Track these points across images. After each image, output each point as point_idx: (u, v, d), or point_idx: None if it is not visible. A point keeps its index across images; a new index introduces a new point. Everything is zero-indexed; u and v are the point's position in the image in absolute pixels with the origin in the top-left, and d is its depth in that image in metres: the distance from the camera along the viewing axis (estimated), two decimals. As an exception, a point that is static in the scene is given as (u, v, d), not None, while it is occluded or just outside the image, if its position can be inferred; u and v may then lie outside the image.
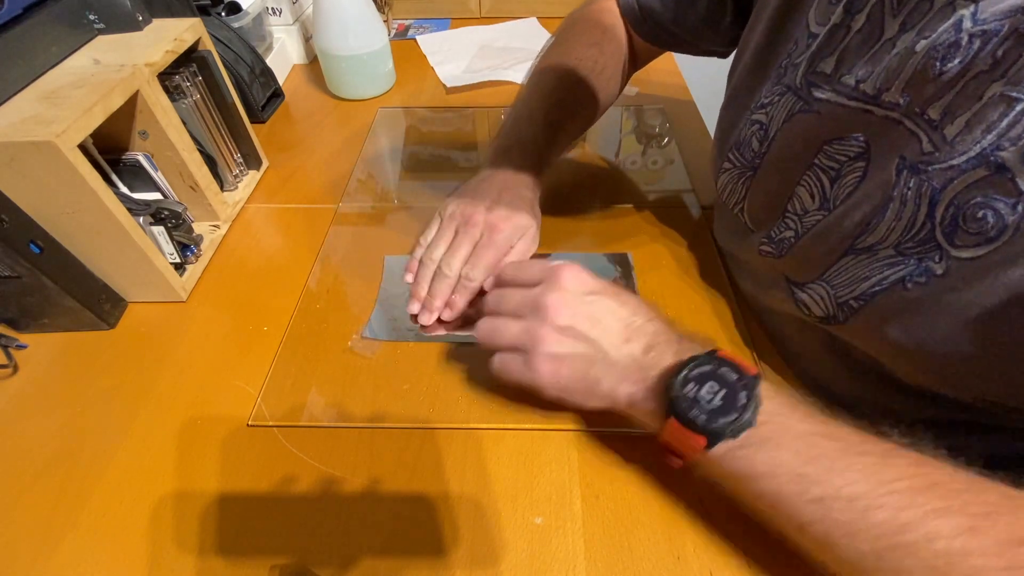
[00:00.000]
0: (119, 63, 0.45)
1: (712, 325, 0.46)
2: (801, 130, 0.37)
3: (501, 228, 0.45)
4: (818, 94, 0.35)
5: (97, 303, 0.45)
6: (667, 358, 0.33)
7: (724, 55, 0.53)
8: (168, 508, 0.36)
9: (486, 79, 0.78)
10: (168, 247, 0.48)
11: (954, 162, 0.28)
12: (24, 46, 0.42)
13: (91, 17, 0.48)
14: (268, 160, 0.64)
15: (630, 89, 0.76)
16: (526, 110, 0.53)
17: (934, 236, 0.29)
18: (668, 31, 0.54)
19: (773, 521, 0.30)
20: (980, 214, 0.27)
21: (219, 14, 0.68)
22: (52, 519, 0.36)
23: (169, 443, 0.39)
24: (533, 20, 0.93)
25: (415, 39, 0.89)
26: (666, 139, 0.68)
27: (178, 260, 0.50)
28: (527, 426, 0.40)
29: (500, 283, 0.43)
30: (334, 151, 0.67)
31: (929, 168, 0.29)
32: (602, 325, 0.35)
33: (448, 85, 0.78)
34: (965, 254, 0.28)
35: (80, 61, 0.45)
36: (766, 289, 0.43)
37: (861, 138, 0.33)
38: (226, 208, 0.56)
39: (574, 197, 0.59)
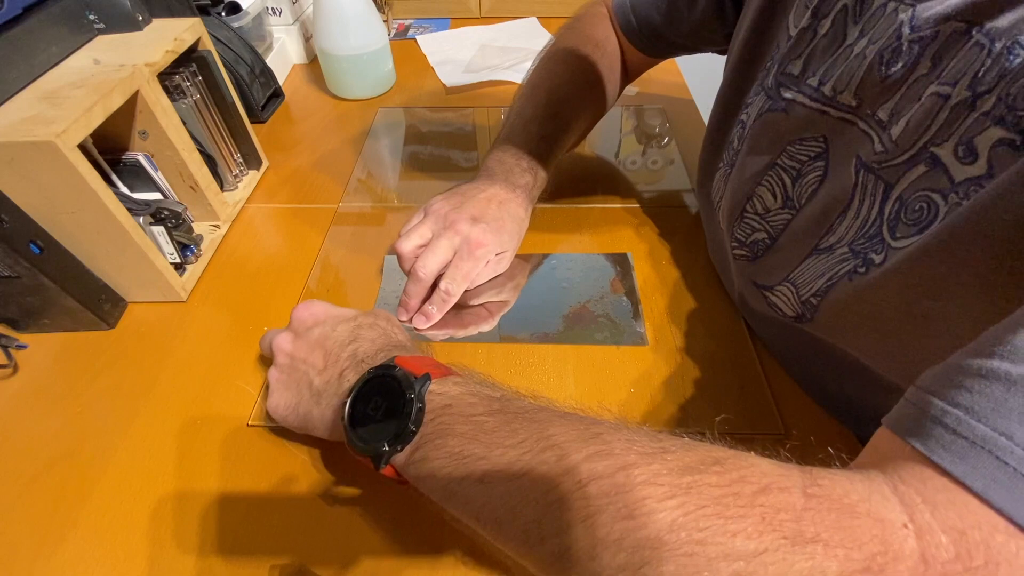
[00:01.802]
0: (119, 63, 0.45)
1: (712, 325, 0.46)
2: (769, 129, 0.38)
3: (483, 243, 0.45)
4: (786, 94, 0.36)
5: (97, 303, 0.45)
6: (353, 379, 0.32)
7: (723, 52, 0.54)
8: (168, 508, 0.36)
9: (486, 79, 0.78)
10: (168, 247, 0.48)
11: (899, 160, 0.29)
12: (24, 46, 0.42)
13: (91, 17, 0.48)
14: (268, 160, 0.64)
15: (630, 89, 0.76)
16: (520, 122, 0.53)
17: (881, 231, 0.30)
18: (665, 39, 0.53)
19: (463, 520, 0.28)
20: (918, 206, 0.28)
21: (219, 14, 0.68)
22: (52, 519, 0.36)
23: (169, 443, 0.39)
24: (533, 20, 0.93)
25: (415, 39, 0.89)
26: (666, 139, 0.68)
27: (178, 260, 0.50)
28: (527, 426, 0.40)
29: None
30: (334, 151, 0.67)
31: (881, 167, 0.30)
32: (311, 356, 0.35)
33: (448, 85, 0.78)
34: (900, 244, 0.29)
35: (80, 61, 0.45)
36: (744, 294, 0.43)
37: (821, 139, 0.34)
38: (226, 208, 0.56)
39: (574, 197, 0.59)
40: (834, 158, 0.34)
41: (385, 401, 0.30)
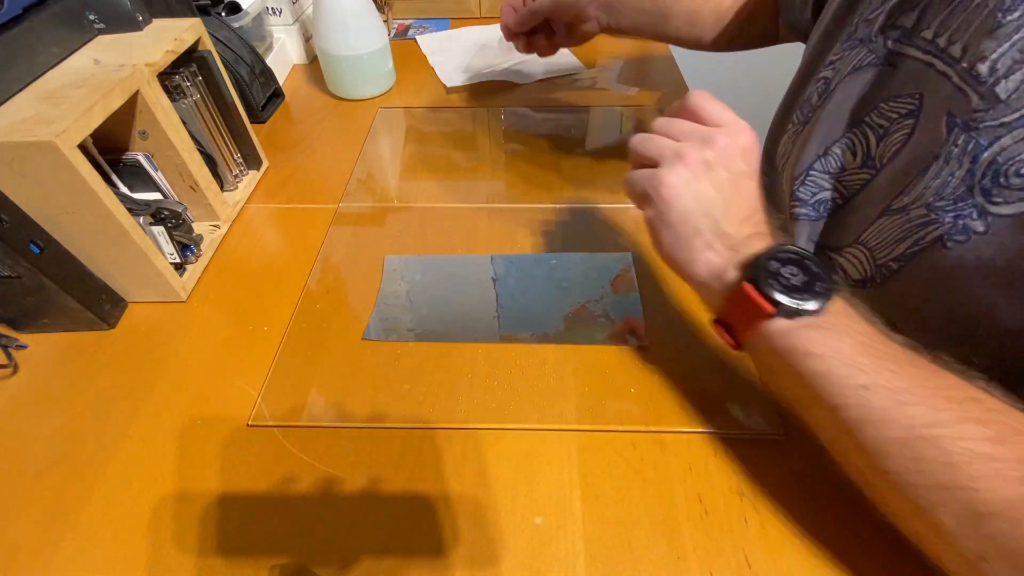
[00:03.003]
0: (119, 63, 0.45)
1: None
2: (865, 82, 0.36)
3: None
4: (893, 47, 0.35)
5: (97, 303, 0.45)
6: (759, 246, 0.32)
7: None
8: (168, 508, 0.36)
9: (486, 79, 0.78)
10: (168, 247, 0.48)
11: (1006, 119, 0.28)
12: (24, 46, 0.42)
13: (91, 17, 0.48)
14: (268, 160, 0.64)
15: (629, 89, 0.76)
16: None
17: (971, 194, 0.30)
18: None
19: (808, 399, 0.30)
20: (1023, 171, 0.28)
21: (219, 14, 0.68)
22: (52, 519, 0.36)
23: (169, 443, 0.39)
24: (533, 20, 0.93)
25: (415, 39, 0.89)
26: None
27: (178, 260, 0.50)
28: (527, 426, 0.40)
29: (684, 108, 0.37)
30: (334, 151, 0.67)
31: (980, 126, 0.29)
32: (737, 196, 0.33)
33: (448, 85, 0.78)
34: (1006, 210, 0.28)
35: (80, 61, 0.45)
36: None
37: (916, 96, 0.33)
38: (226, 208, 0.56)
39: (574, 198, 0.59)
40: (925, 115, 0.33)
41: (804, 275, 0.30)
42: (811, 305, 0.29)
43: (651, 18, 0.56)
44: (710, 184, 0.33)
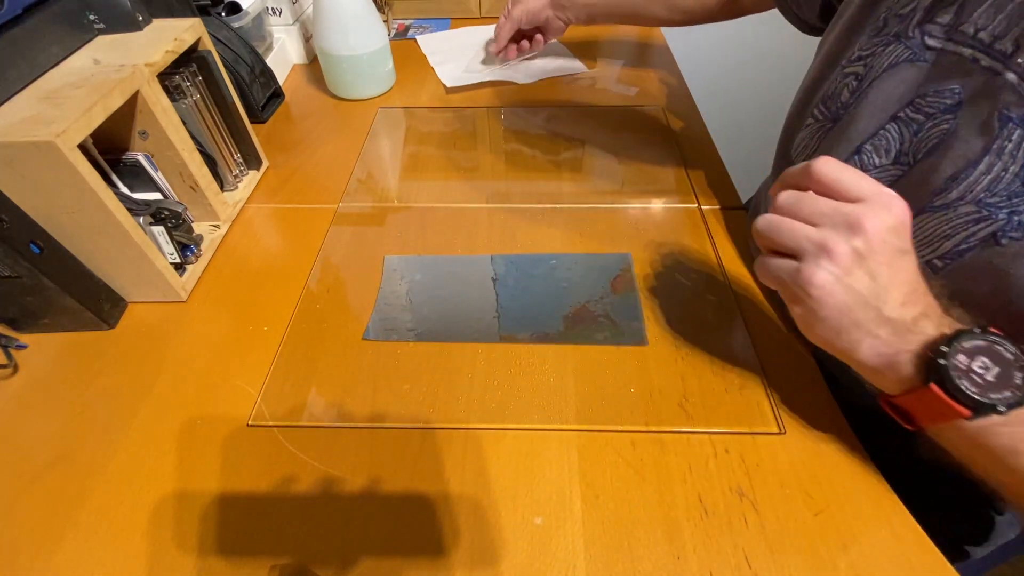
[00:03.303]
0: (119, 63, 0.45)
1: (712, 325, 0.46)
2: (901, 79, 0.36)
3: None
4: (932, 43, 0.35)
5: (97, 303, 0.46)
6: (931, 329, 0.30)
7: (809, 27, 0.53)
8: (168, 508, 0.36)
9: (486, 79, 0.78)
10: (168, 247, 0.48)
11: None
12: (24, 46, 0.42)
13: (91, 17, 0.48)
14: (268, 160, 0.64)
15: (629, 89, 0.76)
16: None
17: None
18: None
19: (1019, 488, 0.29)
20: None
21: (219, 14, 0.68)
22: (52, 519, 0.36)
23: (169, 443, 0.39)
24: (533, 20, 0.93)
25: (415, 39, 0.89)
26: (666, 139, 0.68)
27: (178, 260, 0.50)
28: (527, 426, 0.40)
29: (810, 178, 0.33)
30: (334, 151, 0.67)
31: None
32: (895, 279, 0.30)
33: (448, 85, 0.78)
34: None
35: (80, 61, 0.45)
36: None
37: (958, 90, 0.33)
38: (226, 208, 0.56)
39: (574, 197, 0.59)
40: (969, 110, 0.32)
41: (997, 367, 0.28)
42: (1013, 401, 0.27)
43: (604, 7, 0.64)
44: (865, 275, 0.30)
